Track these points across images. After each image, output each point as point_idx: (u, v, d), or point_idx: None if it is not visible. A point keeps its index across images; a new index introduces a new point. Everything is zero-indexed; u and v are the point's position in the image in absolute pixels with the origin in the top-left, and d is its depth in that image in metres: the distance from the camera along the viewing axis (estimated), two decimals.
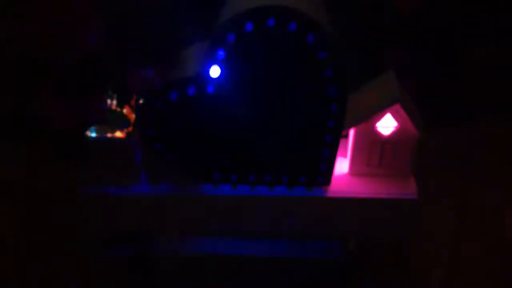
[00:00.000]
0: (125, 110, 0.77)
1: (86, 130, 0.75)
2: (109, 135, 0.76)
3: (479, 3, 0.86)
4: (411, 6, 0.87)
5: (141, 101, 0.76)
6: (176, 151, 0.79)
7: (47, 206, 0.92)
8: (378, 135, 0.78)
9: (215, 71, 0.72)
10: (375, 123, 0.77)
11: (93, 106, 0.74)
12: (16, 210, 0.95)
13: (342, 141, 0.79)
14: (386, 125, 0.77)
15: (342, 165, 0.84)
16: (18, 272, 0.94)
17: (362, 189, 0.80)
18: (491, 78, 0.91)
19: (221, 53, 0.70)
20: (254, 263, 0.84)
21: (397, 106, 0.74)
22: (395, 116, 0.76)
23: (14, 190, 0.92)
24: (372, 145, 0.79)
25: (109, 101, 0.77)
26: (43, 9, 0.73)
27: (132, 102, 0.77)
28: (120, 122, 0.76)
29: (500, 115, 0.93)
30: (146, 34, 0.84)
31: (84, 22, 0.75)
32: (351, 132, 0.79)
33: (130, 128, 0.76)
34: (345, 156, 0.85)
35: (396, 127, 0.77)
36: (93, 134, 0.76)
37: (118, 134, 0.76)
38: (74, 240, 0.92)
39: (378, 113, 0.76)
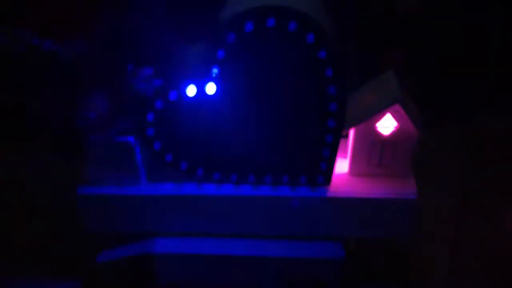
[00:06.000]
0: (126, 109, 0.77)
1: (86, 130, 0.75)
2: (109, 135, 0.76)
3: (478, 3, 0.86)
4: (411, 5, 0.87)
5: (141, 101, 0.76)
6: (176, 151, 0.79)
7: (47, 205, 0.92)
8: (378, 135, 0.78)
9: (211, 89, 0.73)
10: (375, 123, 0.77)
11: (92, 105, 0.74)
12: (16, 209, 0.95)
13: (342, 141, 0.79)
14: (386, 125, 0.77)
15: (342, 165, 0.84)
16: (18, 272, 0.94)
17: (362, 189, 0.80)
18: (491, 77, 0.91)
19: (221, 53, 0.70)
20: (254, 263, 0.84)
21: (397, 106, 0.74)
22: (395, 116, 0.76)
23: (14, 189, 0.92)
24: (372, 145, 0.79)
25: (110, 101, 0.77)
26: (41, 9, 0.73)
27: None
28: (123, 121, 0.76)
29: (500, 115, 0.93)
30: (145, 33, 0.83)
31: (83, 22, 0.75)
32: (351, 132, 0.79)
33: (132, 127, 0.76)
34: (345, 156, 0.85)
35: (396, 127, 0.77)
36: (93, 134, 0.76)
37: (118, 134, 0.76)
38: (74, 240, 0.93)
39: (378, 113, 0.76)
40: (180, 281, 0.88)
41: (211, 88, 0.73)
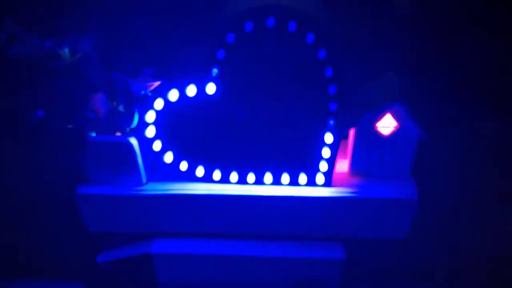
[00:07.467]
0: (125, 110, 0.77)
1: (85, 130, 0.75)
2: (109, 135, 0.76)
3: (478, 3, 0.86)
4: (411, 5, 0.87)
5: (141, 102, 0.76)
6: (176, 151, 0.79)
7: (47, 205, 0.93)
8: (378, 135, 0.78)
9: (211, 89, 0.73)
10: (375, 123, 0.77)
11: (92, 105, 0.74)
12: (17, 209, 0.95)
13: (342, 141, 0.79)
14: (386, 125, 0.77)
15: (342, 165, 0.84)
16: (19, 271, 0.94)
17: (362, 189, 0.80)
18: (490, 77, 0.91)
19: (221, 53, 0.70)
20: (253, 263, 0.84)
21: (397, 106, 0.74)
22: (395, 116, 0.76)
23: (14, 189, 0.92)
24: (372, 145, 0.79)
25: (109, 102, 0.77)
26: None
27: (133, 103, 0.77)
28: (122, 122, 0.76)
29: (499, 115, 0.93)
30: (146, 34, 0.84)
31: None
32: (351, 132, 0.79)
33: (131, 128, 0.77)
34: (345, 156, 0.84)
35: (396, 127, 0.77)
36: (93, 134, 0.76)
37: (118, 134, 0.76)
38: (74, 239, 0.93)
39: (378, 113, 0.76)
40: (180, 281, 0.88)
41: (211, 88, 0.73)
